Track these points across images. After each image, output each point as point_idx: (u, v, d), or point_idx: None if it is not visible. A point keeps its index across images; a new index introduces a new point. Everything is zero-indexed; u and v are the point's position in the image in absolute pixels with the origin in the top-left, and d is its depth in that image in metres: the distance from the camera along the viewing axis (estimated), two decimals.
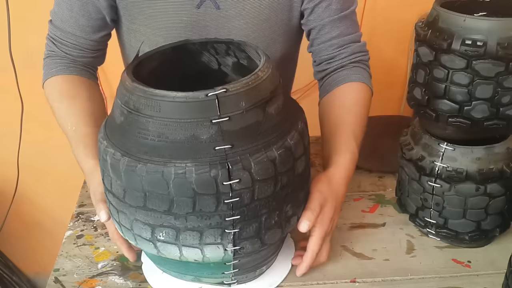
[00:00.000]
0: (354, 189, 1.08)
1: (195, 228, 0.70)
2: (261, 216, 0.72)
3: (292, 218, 0.77)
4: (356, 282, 0.85)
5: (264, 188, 0.70)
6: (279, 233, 0.75)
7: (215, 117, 0.66)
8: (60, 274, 0.87)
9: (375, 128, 1.28)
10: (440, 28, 0.81)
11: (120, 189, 0.71)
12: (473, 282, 0.84)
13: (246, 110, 0.68)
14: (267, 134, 0.70)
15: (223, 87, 0.66)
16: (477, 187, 0.84)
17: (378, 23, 1.79)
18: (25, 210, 1.95)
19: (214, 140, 0.67)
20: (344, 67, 1.04)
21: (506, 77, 0.79)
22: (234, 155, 0.67)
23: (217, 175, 0.67)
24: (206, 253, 0.72)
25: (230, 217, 0.69)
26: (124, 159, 0.69)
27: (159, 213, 0.70)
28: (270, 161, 0.69)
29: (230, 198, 0.68)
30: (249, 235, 0.72)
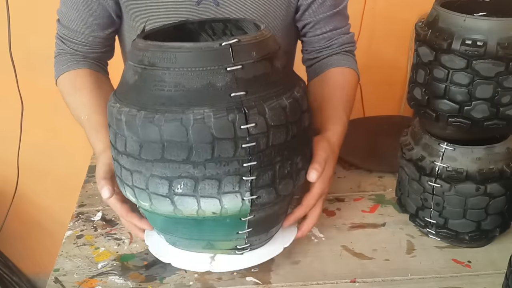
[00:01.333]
0: (354, 189, 1.08)
1: (214, 176, 0.71)
2: (276, 164, 0.74)
3: (301, 171, 0.80)
4: (356, 282, 0.85)
5: (277, 135, 0.73)
6: (291, 184, 0.78)
7: (230, 65, 0.70)
8: (60, 274, 0.87)
9: (375, 128, 1.29)
10: (440, 28, 0.81)
11: (135, 145, 0.72)
12: (473, 282, 0.84)
13: (257, 60, 0.72)
14: (275, 85, 0.74)
15: (236, 37, 0.70)
16: (477, 187, 0.84)
17: (378, 23, 1.79)
18: (25, 210, 1.95)
19: (229, 87, 0.70)
20: (334, 55, 1.10)
21: (506, 77, 0.79)
22: (249, 101, 0.70)
23: (235, 119, 0.69)
24: (224, 203, 0.73)
25: (248, 162, 0.71)
26: (141, 113, 0.71)
27: (177, 164, 0.71)
28: (281, 109, 0.73)
29: (247, 143, 0.70)
30: (265, 183, 0.74)
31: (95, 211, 1.02)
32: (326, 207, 1.02)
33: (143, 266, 0.88)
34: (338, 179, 1.11)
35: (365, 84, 1.93)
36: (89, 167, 1.16)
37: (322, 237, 0.94)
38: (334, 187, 1.08)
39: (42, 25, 1.18)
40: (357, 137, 1.23)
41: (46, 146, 1.82)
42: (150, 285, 0.85)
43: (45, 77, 1.63)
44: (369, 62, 1.87)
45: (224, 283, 0.85)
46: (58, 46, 1.07)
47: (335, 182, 1.10)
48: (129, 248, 0.93)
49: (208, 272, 0.86)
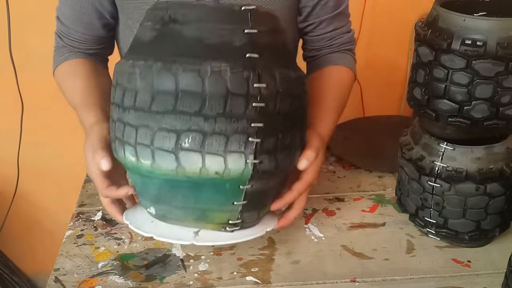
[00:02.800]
0: (354, 189, 1.08)
1: (222, 132, 0.72)
2: (279, 132, 0.77)
3: (297, 151, 0.82)
4: (356, 282, 0.85)
5: (283, 103, 0.76)
6: (289, 159, 0.80)
7: (247, 28, 0.73)
8: (60, 274, 0.87)
9: (375, 128, 1.29)
10: (440, 28, 0.81)
11: (147, 97, 0.73)
12: (473, 282, 0.84)
13: (271, 30, 0.77)
14: (285, 57, 0.79)
15: (254, 5, 0.75)
16: (477, 187, 0.85)
17: (378, 23, 1.79)
18: (25, 210, 1.95)
19: (245, 48, 0.73)
20: (333, 53, 1.10)
21: (506, 77, 0.79)
22: (262, 64, 0.74)
23: (249, 77, 0.72)
24: (228, 163, 0.73)
25: (256, 122, 0.73)
26: (157, 63, 0.72)
27: (188, 115, 0.71)
28: (290, 78, 0.77)
29: (258, 102, 0.72)
30: (268, 149, 0.76)
31: (95, 211, 1.02)
32: (326, 207, 1.02)
33: (143, 266, 0.88)
34: (338, 179, 1.11)
35: (365, 84, 1.93)
36: None
37: (322, 237, 0.94)
38: (334, 187, 1.08)
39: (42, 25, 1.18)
40: (357, 137, 1.24)
41: (46, 146, 1.82)
42: (150, 285, 0.85)
43: (45, 77, 1.63)
44: (369, 62, 1.88)
45: (224, 282, 0.85)
46: (57, 42, 1.08)
47: (335, 182, 1.10)
48: (129, 247, 0.93)
49: (207, 271, 0.86)
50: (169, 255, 0.90)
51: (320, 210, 1.01)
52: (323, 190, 1.07)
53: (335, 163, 1.17)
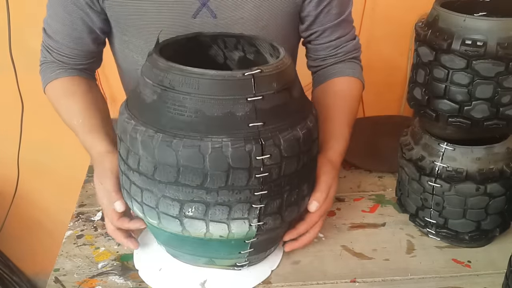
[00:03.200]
0: (354, 189, 1.08)
1: (225, 203, 0.72)
2: (284, 192, 0.76)
3: (306, 197, 0.82)
4: (356, 282, 0.85)
5: (289, 165, 0.74)
6: (296, 210, 0.80)
7: (251, 95, 0.70)
8: (60, 274, 0.87)
9: (375, 128, 1.29)
10: (440, 28, 0.81)
11: (150, 166, 0.72)
12: (473, 282, 0.84)
13: (277, 91, 0.73)
14: (292, 114, 0.75)
15: (258, 68, 0.71)
16: (477, 187, 0.85)
17: (378, 23, 1.79)
18: (25, 210, 1.95)
19: (248, 117, 0.71)
20: (339, 63, 1.08)
21: (506, 77, 0.79)
22: (266, 132, 0.72)
23: (252, 150, 0.70)
24: (232, 228, 0.74)
25: (259, 191, 0.72)
26: (158, 135, 0.71)
27: (191, 188, 0.72)
28: (296, 140, 0.74)
29: (261, 173, 0.72)
30: (272, 211, 0.76)
31: (95, 211, 1.02)
32: None
33: None
34: (338, 179, 1.11)
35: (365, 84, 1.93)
36: (89, 167, 1.16)
37: (322, 237, 0.94)
38: None
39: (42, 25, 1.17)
40: (357, 137, 1.23)
41: (46, 146, 1.82)
42: (150, 286, 0.85)
43: None
44: (369, 62, 1.87)
45: None
46: (44, 56, 1.05)
47: None
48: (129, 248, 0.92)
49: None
50: None
51: None
52: None
53: None
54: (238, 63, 0.89)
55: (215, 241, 0.76)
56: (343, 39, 1.07)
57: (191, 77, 0.70)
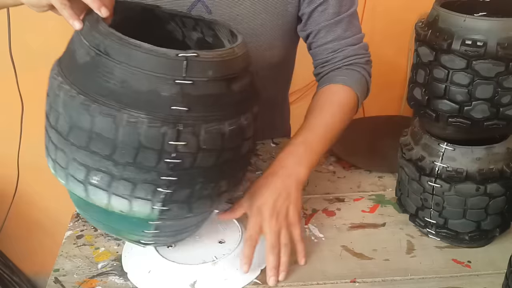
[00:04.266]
0: (354, 189, 1.08)
1: (130, 179, 0.71)
2: (196, 184, 0.73)
3: (224, 194, 0.79)
4: (356, 282, 0.85)
5: (207, 158, 0.72)
6: (208, 205, 0.78)
7: (179, 78, 0.68)
8: (60, 274, 0.87)
9: (375, 128, 1.29)
10: (440, 28, 0.81)
11: (66, 126, 0.72)
12: (473, 282, 0.84)
13: (212, 80, 0.70)
14: (224, 108, 0.72)
15: (195, 52, 0.68)
16: (477, 187, 0.85)
17: (378, 23, 1.79)
18: (25, 210, 1.95)
19: (173, 99, 0.68)
20: (335, 71, 1.04)
21: (506, 77, 0.79)
22: (188, 119, 0.69)
23: (166, 133, 0.68)
24: (133, 206, 0.73)
25: (167, 176, 0.71)
26: (80, 97, 0.70)
27: (99, 157, 0.70)
28: (219, 134, 0.72)
29: (172, 158, 0.70)
30: (179, 199, 0.73)
31: None
32: (326, 207, 1.02)
33: None
34: (338, 179, 1.11)
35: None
36: None
37: (322, 237, 0.94)
38: (334, 187, 1.08)
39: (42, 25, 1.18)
40: (357, 137, 1.23)
41: None
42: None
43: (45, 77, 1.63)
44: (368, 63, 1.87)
45: None
46: None
47: (335, 182, 1.10)
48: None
49: None
50: None
51: (320, 211, 1.01)
52: (323, 190, 1.07)
53: (335, 163, 1.17)
54: (196, 43, 0.87)
55: (117, 214, 0.75)
56: (342, 43, 1.03)
57: (127, 47, 0.68)
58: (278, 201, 0.85)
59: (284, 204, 0.85)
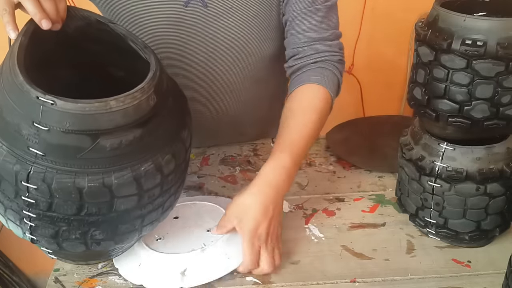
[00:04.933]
0: (354, 189, 1.08)
1: (1, 200, 0.72)
2: (60, 227, 0.72)
3: (104, 242, 0.75)
4: (356, 282, 0.85)
5: (64, 207, 0.69)
6: (82, 247, 0.75)
7: (36, 121, 0.66)
8: (60, 274, 0.87)
9: (375, 128, 1.29)
10: (440, 28, 0.81)
11: None
12: (473, 282, 0.84)
13: (68, 131, 0.66)
14: (87, 162, 0.68)
15: (53, 99, 0.65)
16: (477, 187, 0.85)
17: (378, 23, 1.79)
18: None
19: (31, 140, 0.66)
20: (307, 67, 1.00)
21: (506, 77, 0.79)
22: (42, 164, 0.67)
23: (18, 172, 0.67)
24: (9, 225, 0.75)
25: (27, 212, 0.70)
26: None
27: None
28: (76, 188, 0.68)
29: (27, 197, 0.69)
30: (45, 234, 0.73)
31: None
32: (326, 207, 1.02)
33: None
34: (338, 179, 1.11)
35: (365, 84, 1.93)
36: None
37: (322, 237, 0.94)
38: (334, 187, 1.08)
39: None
40: (357, 137, 1.24)
41: None
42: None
43: None
44: (369, 62, 1.88)
45: (224, 282, 0.85)
46: None
47: (335, 182, 1.10)
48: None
49: None
50: None
51: (320, 210, 1.01)
52: (323, 190, 1.07)
53: (335, 163, 1.17)
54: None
55: None
56: (315, 35, 0.99)
57: (11, 73, 0.67)
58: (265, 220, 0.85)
59: (272, 223, 0.86)
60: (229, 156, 1.20)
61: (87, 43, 0.82)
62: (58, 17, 0.75)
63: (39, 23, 0.72)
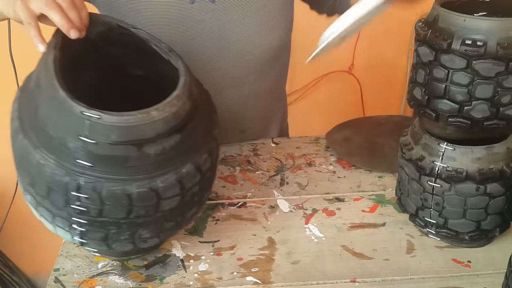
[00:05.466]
0: (354, 189, 1.08)
1: (49, 209, 0.74)
2: (110, 230, 0.74)
3: (150, 239, 0.79)
4: (356, 282, 0.85)
5: (114, 212, 0.72)
6: (130, 246, 0.78)
7: (82, 135, 0.68)
8: (60, 274, 0.87)
9: (375, 128, 1.29)
10: (440, 28, 0.81)
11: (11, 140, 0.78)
12: (473, 282, 0.84)
13: (114, 143, 0.68)
14: (134, 170, 0.71)
15: (99, 113, 0.67)
16: (477, 187, 0.85)
17: (378, 23, 1.79)
18: (25, 210, 1.93)
19: (78, 152, 0.69)
20: None
21: (506, 77, 0.79)
22: (91, 174, 0.69)
23: (68, 183, 0.70)
24: (58, 231, 0.77)
25: (77, 218, 0.72)
26: (16, 122, 0.74)
27: (25, 182, 0.75)
28: (125, 195, 0.71)
29: (77, 206, 0.71)
30: (95, 238, 0.75)
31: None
32: (326, 207, 1.02)
33: (143, 266, 0.88)
34: (338, 179, 1.11)
35: (365, 84, 1.93)
36: None
37: (322, 237, 0.94)
38: (334, 187, 1.08)
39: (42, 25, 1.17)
40: (357, 137, 1.24)
41: None
42: (150, 285, 0.85)
43: None
44: (369, 62, 1.88)
45: (224, 282, 0.85)
46: None
47: (335, 182, 1.10)
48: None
49: (207, 271, 0.86)
50: (169, 255, 0.90)
51: (320, 210, 1.01)
52: (323, 190, 1.07)
53: (335, 163, 1.17)
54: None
55: None
56: None
57: (50, 87, 0.70)
58: None
59: None
60: (229, 156, 1.20)
61: (109, 47, 0.85)
62: (82, 25, 0.76)
63: (68, 33, 0.74)
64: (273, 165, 1.16)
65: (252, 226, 0.97)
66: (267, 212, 1.01)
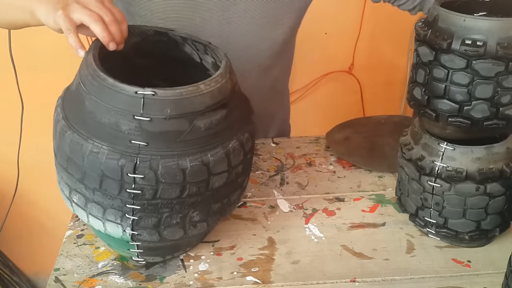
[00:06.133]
0: (354, 189, 1.08)
1: (100, 203, 0.75)
2: (162, 213, 0.76)
3: (199, 223, 0.80)
4: (356, 282, 0.85)
5: (169, 190, 0.74)
6: (181, 232, 0.79)
7: (137, 114, 0.71)
8: (61, 274, 0.87)
9: (375, 128, 1.29)
10: (440, 28, 0.81)
11: (55, 146, 0.79)
12: (473, 282, 0.84)
13: (170, 117, 0.71)
14: (187, 144, 0.73)
15: (153, 90, 0.70)
16: (477, 187, 0.85)
17: (378, 23, 1.79)
18: (25, 210, 1.95)
19: (132, 133, 0.71)
20: None
21: (506, 77, 0.79)
22: (146, 153, 0.71)
23: (124, 165, 0.71)
24: (107, 227, 0.77)
25: (131, 205, 0.74)
26: (62, 121, 0.76)
27: (74, 179, 0.76)
28: (180, 170, 0.73)
29: (132, 189, 0.73)
30: (147, 226, 0.76)
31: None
32: (326, 207, 1.02)
33: (143, 266, 0.88)
34: (338, 179, 1.11)
35: (365, 84, 1.93)
36: None
37: (322, 237, 0.94)
38: (334, 187, 1.08)
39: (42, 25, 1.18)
40: (357, 137, 1.24)
41: (46, 146, 1.81)
42: (150, 285, 0.85)
43: (45, 77, 1.62)
44: (369, 62, 1.88)
45: (224, 282, 0.85)
46: None
47: (335, 182, 1.10)
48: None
49: (207, 271, 0.86)
50: None
51: (320, 210, 1.01)
52: (323, 190, 1.07)
53: (335, 163, 1.17)
54: (212, 66, 0.89)
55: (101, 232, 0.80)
56: None
57: (95, 78, 0.73)
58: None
59: None
60: None
61: (138, 58, 0.88)
62: (122, 38, 0.79)
63: (107, 45, 0.77)
64: (273, 165, 1.16)
65: (252, 226, 0.97)
66: (267, 212, 1.01)
